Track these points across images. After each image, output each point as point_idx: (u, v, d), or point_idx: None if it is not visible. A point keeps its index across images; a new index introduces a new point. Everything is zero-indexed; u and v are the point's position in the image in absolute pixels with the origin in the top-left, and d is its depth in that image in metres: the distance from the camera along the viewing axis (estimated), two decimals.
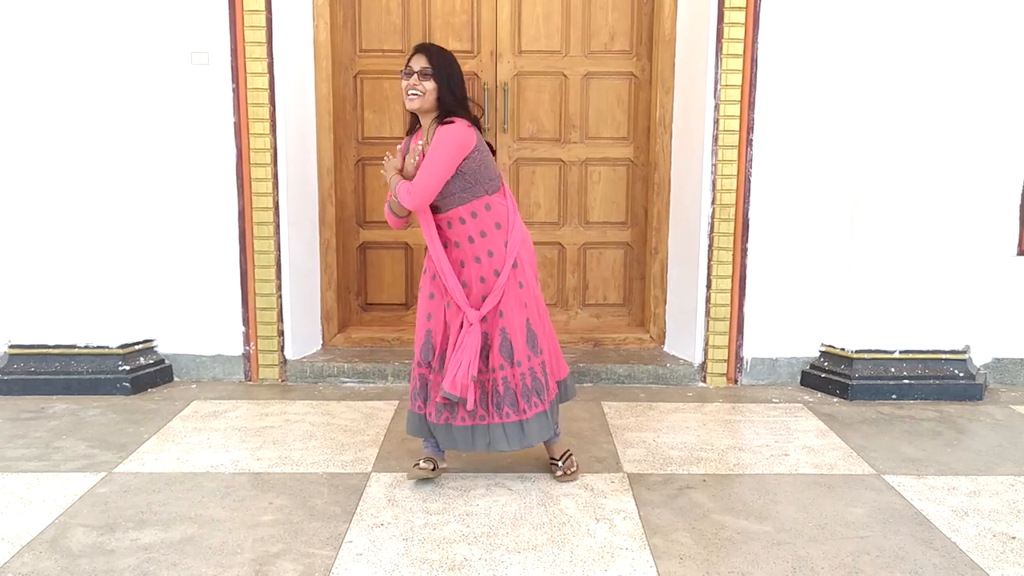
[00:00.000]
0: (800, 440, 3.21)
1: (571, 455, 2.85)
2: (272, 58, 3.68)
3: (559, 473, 2.79)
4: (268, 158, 3.73)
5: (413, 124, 2.70)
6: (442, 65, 2.57)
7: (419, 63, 2.55)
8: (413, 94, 2.55)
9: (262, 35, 3.65)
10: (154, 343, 3.91)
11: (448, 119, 2.56)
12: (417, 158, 2.57)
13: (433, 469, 2.74)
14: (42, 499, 2.62)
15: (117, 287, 3.75)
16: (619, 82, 4.20)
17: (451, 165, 2.52)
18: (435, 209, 2.64)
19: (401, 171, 2.63)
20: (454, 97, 2.58)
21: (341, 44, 4.10)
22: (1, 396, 3.66)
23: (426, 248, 2.70)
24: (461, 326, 2.62)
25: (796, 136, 3.75)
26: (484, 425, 2.65)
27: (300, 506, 2.60)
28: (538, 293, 2.73)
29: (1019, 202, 3.82)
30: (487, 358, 2.63)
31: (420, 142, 2.62)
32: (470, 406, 2.58)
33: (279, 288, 3.85)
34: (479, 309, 2.61)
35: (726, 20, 3.64)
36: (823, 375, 3.83)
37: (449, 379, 2.56)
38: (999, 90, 3.66)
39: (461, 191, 2.58)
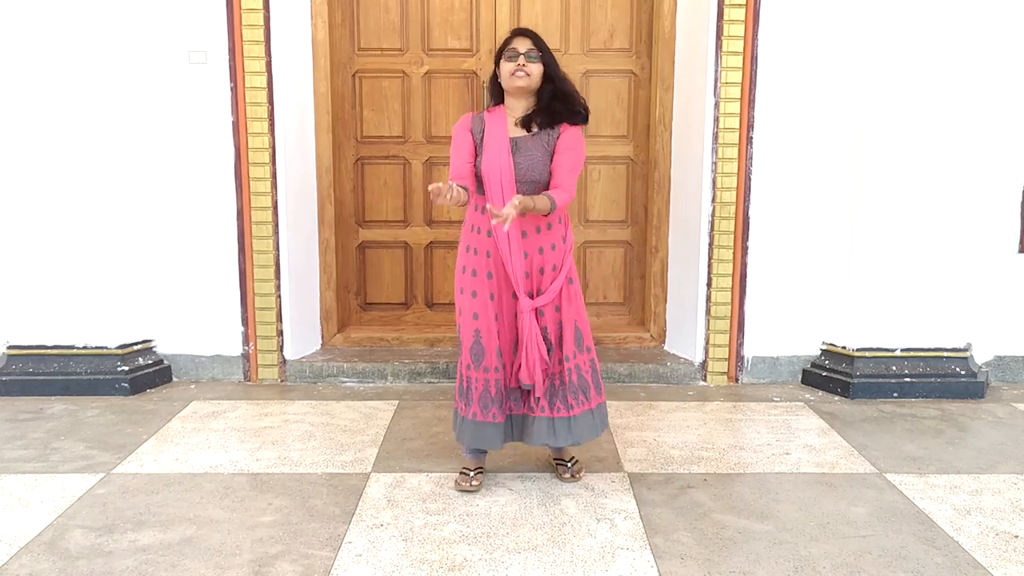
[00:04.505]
0: (801, 439, 3.20)
1: (578, 460, 2.86)
2: (270, 57, 3.67)
3: (567, 475, 2.79)
4: (266, 157, 3.72)
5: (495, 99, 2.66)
6: (546, 49, 2.58)
7: (524, 45, 2.54)
8: (521, 74, 2.53)
9: (260, 34, 3.64)
10: (153, 343, 3.90)
11: (573, 121, 2.61)
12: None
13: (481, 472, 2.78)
14: (40, 500, 2.61)
15: (115, 287, 3.74)
16: (619, 80, 4.18)
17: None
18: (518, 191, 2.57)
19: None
20: (561, 80, 2.60)
21: (339, 43, 4.09)
22: None
23: (464, 244, 2.64)
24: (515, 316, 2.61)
25: (797, 134, 3.74)
26: (532, 417, 2.64)
27: (299, 507, 2.58)
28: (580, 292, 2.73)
29: (1020, 199, 3.81)
30: (550, 352, 2.61)
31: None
32: (539, 393, 2.58)
33: (278, 288, 3.84)
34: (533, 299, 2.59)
35: (726, 17, 3.63)
36: (824, 373, 3.82)
37: (525, 371, 2.56)
38: (1000, 88, 3.65)
39: (547, 183, 2.59)
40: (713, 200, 3.77)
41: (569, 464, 2.82)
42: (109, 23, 3.58)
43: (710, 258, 3.82)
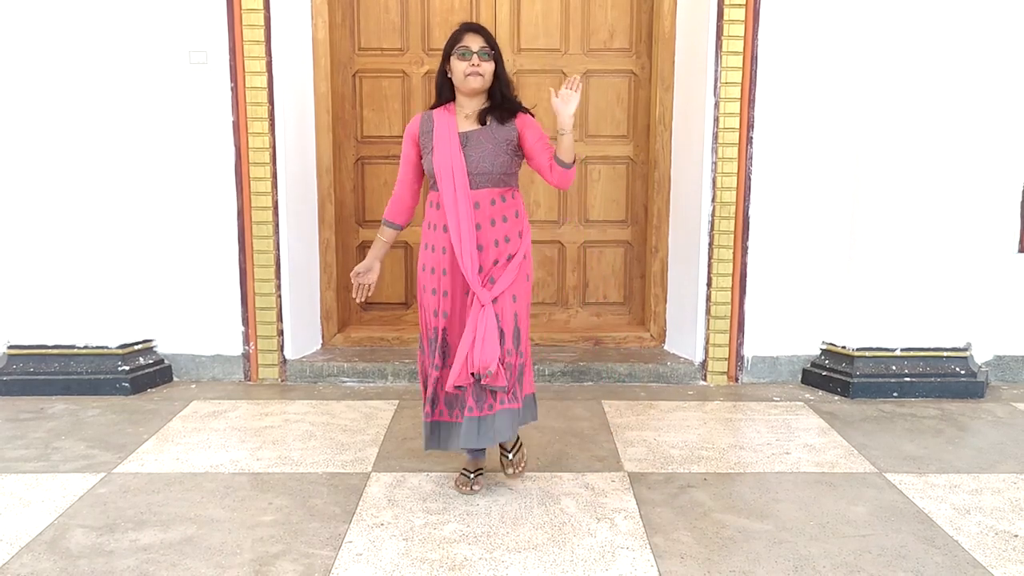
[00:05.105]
0: (801, 438, 3.20)
1: (522, 446, 2.75)
2: (271, 57, 3.67)
3: (509, 471, 2.70)
4: (267, 157, 3.73)
5: (441, 101, 2.63)
6: (496, 46, 2.56)
7: (476, 43, 2.51)
8: (475, 74, 2.49)
9: (261, 34, 3.64)
10: (153, 343, 3.90)
11: (524, 111, 2.60)
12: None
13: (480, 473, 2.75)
14: (41, 500, 2.62)
15: (116, 287, 3.74)
16: (619, 80, 4.19)
17: None
18: (471, 184, 2.55)
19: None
20: (506, 77, 2.60)
21: (340, 43, 4.09)
22: (0, 397, 3.65)
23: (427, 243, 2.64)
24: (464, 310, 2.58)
25: (797, 134, 3.74)
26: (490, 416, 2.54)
27: (300, 506, 2.59)
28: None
29: (1020, 199, 3.81)
30: (503, 340, 2.52)
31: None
32: (502, 382, 2.47)
33: (278, 288, 3.84)
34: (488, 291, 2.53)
35: (726, 17, 3.63)
36: (824, 373, 3.82)
37: (474, 359, 2.44)
38: (1000, 87, 3.65)
39: (509, 173, 2.58)
40: (713, 200, 3.77)
41: (511, 455, 2.70)
42: (110, 23, 3.59)
43: (710, 258, 3.82)
